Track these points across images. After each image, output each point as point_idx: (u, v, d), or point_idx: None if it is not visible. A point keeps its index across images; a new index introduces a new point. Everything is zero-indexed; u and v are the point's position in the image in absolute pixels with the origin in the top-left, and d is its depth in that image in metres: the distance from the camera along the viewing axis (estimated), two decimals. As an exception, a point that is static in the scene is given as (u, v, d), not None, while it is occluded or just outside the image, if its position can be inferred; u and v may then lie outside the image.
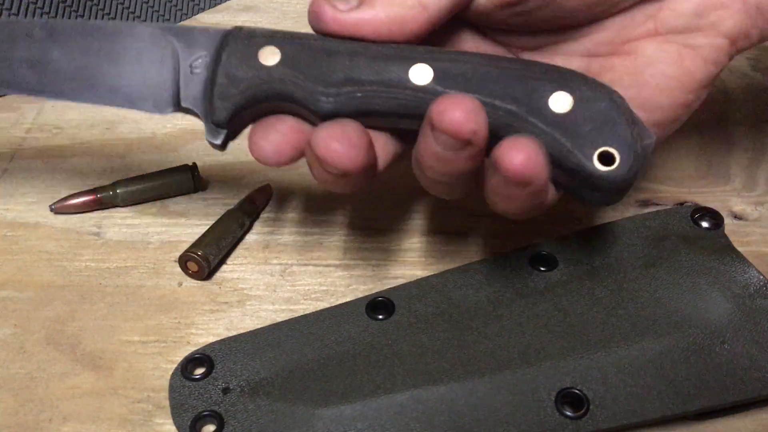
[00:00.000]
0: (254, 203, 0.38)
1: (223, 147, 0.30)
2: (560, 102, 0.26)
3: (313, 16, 0.27)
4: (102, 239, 0.38)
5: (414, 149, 0.27)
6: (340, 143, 0.24)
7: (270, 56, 0.28)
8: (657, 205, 0.38)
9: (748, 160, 0.41)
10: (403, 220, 0.38)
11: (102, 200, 0.39)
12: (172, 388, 0.30)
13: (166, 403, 0.30)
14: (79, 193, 0.39)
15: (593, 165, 0.26)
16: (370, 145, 0.26)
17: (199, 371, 0.31)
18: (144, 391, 0.31)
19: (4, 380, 0.31)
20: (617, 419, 0.28)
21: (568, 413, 0.28)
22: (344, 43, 0.27)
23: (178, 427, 0.29)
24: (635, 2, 0.28)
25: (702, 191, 0.39)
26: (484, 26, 0.30)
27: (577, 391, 0.28)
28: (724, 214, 0.35)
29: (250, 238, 0.38)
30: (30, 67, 0.31)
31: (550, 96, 0.26)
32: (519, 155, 0.24)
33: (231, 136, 0.30)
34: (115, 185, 0.39)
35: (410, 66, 0.27)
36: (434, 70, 0.27)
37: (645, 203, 0.38)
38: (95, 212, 0.39)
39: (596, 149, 0.26)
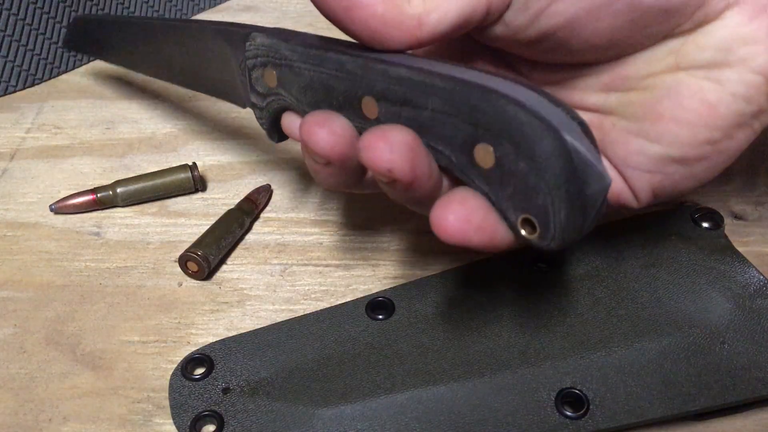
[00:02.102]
0: (254, 203, 0.38)
1: (280, 141, 0.32)
2: (484, 155, 0.23)
3: None
4: (102, 239, 0.38)
5: None
6: (321, 127, 0.25)
7: (271, 78, 0.29)
8: (657, 205, 0.38)
9: (748, 160, 0.41)
10: (403, 220, 0.38)
11: (102, 200, 0.39)
12: (172, 388, 0.30)
13: (166, 403, 0.30)
14: (78, 193, 0.39)
15: (518, 230, 0.23)
16: (354, 138, 0.26)
17: (199, 371, 0.31)
18: (144, 391, 0.31)
19: (4, 380, 0.31)
20: (617, 419, 0.28)
21: (568, 413, 0.28)
22: (322, 65, 0.27)
23: (178, 427, 0.29)
24: (657, 41, 0.27)
25: (702, 191, 0.39)
26: (504, 56, 0.30)
27: (577, 391, 0.28)
28: (724, 214, 0.35)
29: (250, 238, 0.38)
30: (165, 60, 0.37)
31: (474, 147, 0.23)
32: (451, 217, 0.23)
33: (281, 136, 0.32)
34: (114, 185, 0.39)
35: (362, 98, 0.26)
36: (378, 106, 0.25)
37: (645, 203, 0.38)
38: (95, 212, 0.39)
39: (519, 214, 0.22)
